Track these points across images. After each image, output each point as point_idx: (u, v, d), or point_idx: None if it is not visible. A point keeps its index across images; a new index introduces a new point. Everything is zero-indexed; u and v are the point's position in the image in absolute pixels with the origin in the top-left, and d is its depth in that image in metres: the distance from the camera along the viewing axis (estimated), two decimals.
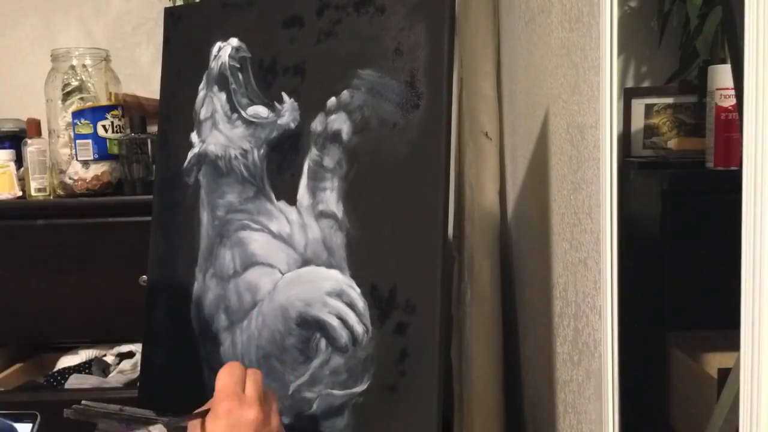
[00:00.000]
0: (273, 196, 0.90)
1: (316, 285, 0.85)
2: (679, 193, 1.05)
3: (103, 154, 1.42)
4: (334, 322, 0.83)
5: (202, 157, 0.96)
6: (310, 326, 0.85)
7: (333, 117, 0.85)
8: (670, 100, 1.25)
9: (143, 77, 1.66)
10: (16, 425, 0.66)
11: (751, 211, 0.42)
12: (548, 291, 1.03)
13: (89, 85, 1.41)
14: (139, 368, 1.16)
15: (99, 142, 1.41)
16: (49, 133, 1.43)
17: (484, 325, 1.31)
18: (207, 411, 0.70)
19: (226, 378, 0.70)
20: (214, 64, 0.95)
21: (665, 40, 1.30)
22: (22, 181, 1.46)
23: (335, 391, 0.83)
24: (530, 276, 1.22)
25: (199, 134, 0.96)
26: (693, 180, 1.09)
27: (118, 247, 1.39)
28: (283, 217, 0.89)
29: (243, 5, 0.95)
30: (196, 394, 0.85)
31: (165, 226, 1.00)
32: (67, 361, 1.49)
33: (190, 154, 0.97)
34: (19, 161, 1.48)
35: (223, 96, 0.94)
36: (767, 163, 0.41)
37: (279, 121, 0.90)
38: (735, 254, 0.44)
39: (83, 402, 0.88)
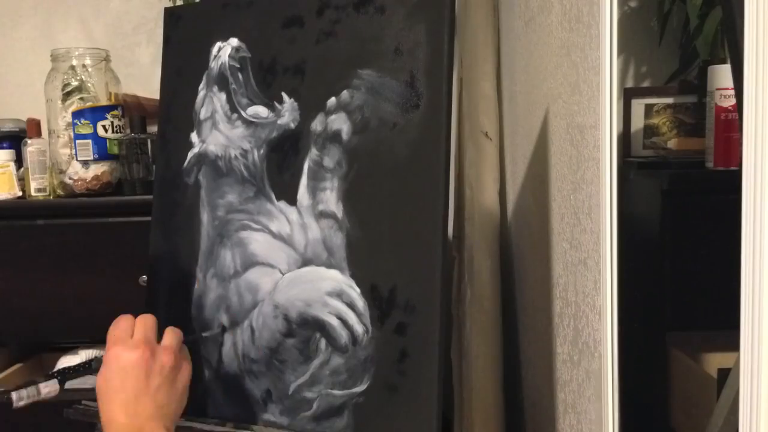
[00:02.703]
0: (273, 196, 0.90)
1: (316, 285, 0.85)
2: (679, 193, 1.05)
3: (103, 154, 1.42)
4: (334, 322, 0.83)
5: (202, 157, 0.96)
6: (310, 326, 0.85)
7: (333, 117, 0.85)
8: (670, 100, 1.25)
9: (143, 77, 1.66)
10: None
11: (750, 211, 0.43)
12: (548, 291, 1.03)
13: (89, 85, 1.41)
14: None
15: (99, 142, 1.41)
16: (49, 133, 1.43)
17: (484, 325, 1.31)
18: (91, 362, 0.75)
19: (111, 329, 0.75)
20: (214, 64, 0.95)
21: (665, 40, 1.30)
22: (22, 181, 1.46)
23: (335, 391, 0.83)
24: (530, 276, 1.22)
25: (199, 134, 0.96)
26: (693, 180, 1.09)
27: (118, 247, 1.39)
28: (283, 217, 0.89)
29: (243, 5, 0.95)
30: (197, 394, 0.85)
31: (165, 226, 1.00)
32: (67, 361, 1.48)
33: (190, 154, 0.97)
34: (19, 161, 1.48)
35: (223, 96, 0.94)
36: (767, 163, 0.41)
37: (279, 121, 0.90)
38: (735, 254, 0.44)
39: (83, 402, 0.88)
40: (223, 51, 0.95)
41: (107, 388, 0.73)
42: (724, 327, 0.51)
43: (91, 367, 0.77)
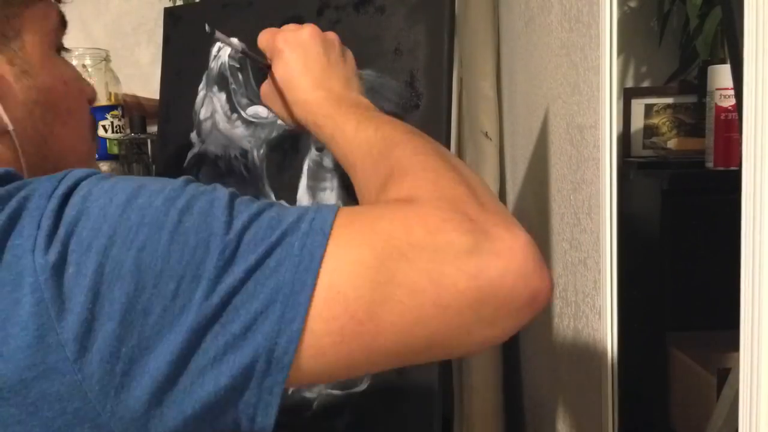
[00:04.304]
0: (273, 197, 0.90)
1: None
2: (679, 193, 1.05)
3: (103, 154, 1.42)
4: None
5: (202, 157, 0.96)
6: None
7: None
8: (669, 100, 1.25)
9: (143, 77, 1.66)
10: None
11: (750, 211, 0.43)
12: None
13: None
14: None
15: (99, 142, 1.41)
16: None
17: None
18: (267, 64, 0.69)
19: (262, 36, 0.70)
20: (213, 64, 0.95)
21: (665, 40, 1.30)
22: None
23: (335, 391, 0.83)
24: None
25: (199, 134, 0.96)
26: (693, 180, 1.09)
27: None
28: None
29: (243, 5, 0.95)
30: None
31: None
32: None
33: (190, 154, 0.97)
34: None
35: (223, 96, 0.94)
36: (767, 163, 0.41)
37: (279, 121, 0.90)
38: (734, 254, 0.44)
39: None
40: (223, 51, 0.95)
41: (289, 75, 0.67)
42: (724, 327, 0.51)
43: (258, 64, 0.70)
